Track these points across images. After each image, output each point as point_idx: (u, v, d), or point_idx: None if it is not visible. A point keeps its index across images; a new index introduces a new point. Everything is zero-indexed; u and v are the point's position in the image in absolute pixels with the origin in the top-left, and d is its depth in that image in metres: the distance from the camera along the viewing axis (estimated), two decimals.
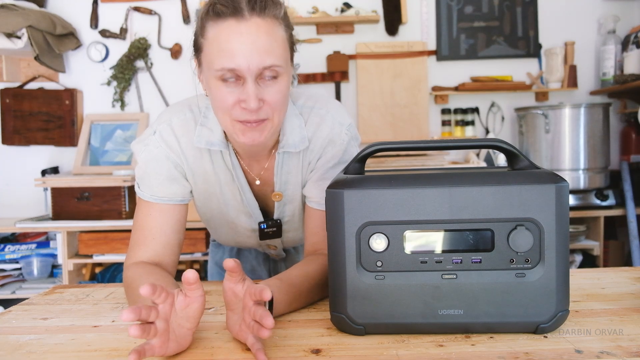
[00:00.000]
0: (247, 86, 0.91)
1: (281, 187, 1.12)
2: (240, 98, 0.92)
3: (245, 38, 0.89)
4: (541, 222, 0.76)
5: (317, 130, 1.07)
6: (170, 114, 1.08)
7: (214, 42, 0.92)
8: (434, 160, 2.70)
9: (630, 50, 2.80)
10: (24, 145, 3.03)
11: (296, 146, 1.06)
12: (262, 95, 0.92)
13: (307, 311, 0.94)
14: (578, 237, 2.75)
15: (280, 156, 1.08)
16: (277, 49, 0.92)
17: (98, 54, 2.99)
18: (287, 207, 1.16)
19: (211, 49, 0.92)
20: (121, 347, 0.80)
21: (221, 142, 1.05)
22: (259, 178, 1.13)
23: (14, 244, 2.89)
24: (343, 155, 1.08)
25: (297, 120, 1.07)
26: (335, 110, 1.09)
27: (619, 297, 0.96)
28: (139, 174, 1.08)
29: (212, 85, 0.94)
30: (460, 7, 3.05)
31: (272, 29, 0.92)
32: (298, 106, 1.09)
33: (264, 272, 1.39)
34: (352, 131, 1.10)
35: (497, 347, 0.75)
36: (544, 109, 2.73)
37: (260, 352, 0.71)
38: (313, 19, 2.92)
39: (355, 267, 0.79)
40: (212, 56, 0.92)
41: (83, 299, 1.06)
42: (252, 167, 1.12)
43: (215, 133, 1.05)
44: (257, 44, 0.90)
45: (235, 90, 0.92)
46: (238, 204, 1.15)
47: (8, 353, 0.78)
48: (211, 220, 1.22)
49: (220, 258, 1.43)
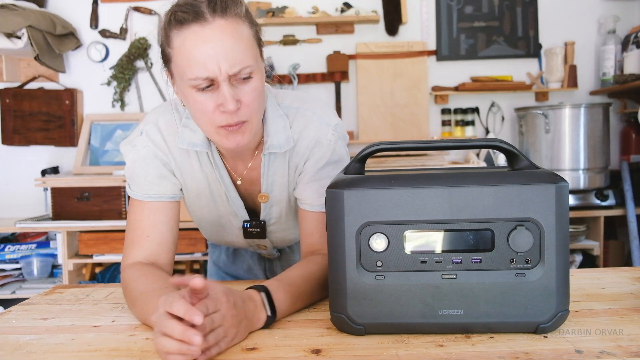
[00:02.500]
0: (222, 89, 0.90)
1: (267, 189, 1.12)
2: (218, 102, 0.91)
3: (213, 43, 0.88)
4: (541, 222, 0.76)
5: (303, 131, 1.07)
6: (157, 115, 1.08)
7: (181, 51, 0.90)
8: (434, 160, 2.70)
9: (630, 50, 2.80)
10: (24, 145, 3.03)
11: (281, 147, 1.05)
12: (238, 96, 0.92)
13: (307, 311, 0.94)
14: (578, 237, 2.75)
15: (266, 157, 1.07)
16: (245, 49, 0.91)
17: (98, 54, 2.99)
18: (273, 208, 1.16)
19: (181, 58, 0.91)
20: (121, 347, 0.80)
21: (204, 143, 1.05)
22: (243, 178, 1.12)
23: (14, 244, 2.89)
24: (331, 156, 1.07)
25: (282, 121, 1.06)
26: (321, 111, 1.08)
27: (619, 297, 0.96)
28: (128, 174, 1.08)
29: (187, 94, 0.94)
30: (460, 7, 3.05)
31: (236, 29, 0.91)
32: (283, 107, 1.08)
33: (259, 272, 1.39)
34: (339, 131, 1.09)
35: (497, 347, 0.75)
36: (544, 109, 2.73)
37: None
38: (313, 19, 2.92)
39: (355, 267, 0.79)
40: (182, 67, 0.91)
41: (83, 299, 1.06)
42: (237, 167, 1.12)
43: (197, 134, 1.04)
44: (226, 47, 0.89)
45: (212, 96, 0.92)
46: (225, 204, 1.15)
47: (8, 353, 0.78)
48: (201, 219, 1.22)
49: (217, 258, 1.43)
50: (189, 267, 2.77)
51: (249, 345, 0.79)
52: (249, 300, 0.83)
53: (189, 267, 2.77)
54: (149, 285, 0.92)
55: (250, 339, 0.81)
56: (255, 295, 0.85)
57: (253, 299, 0.84)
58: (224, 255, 1.41)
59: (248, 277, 1.39)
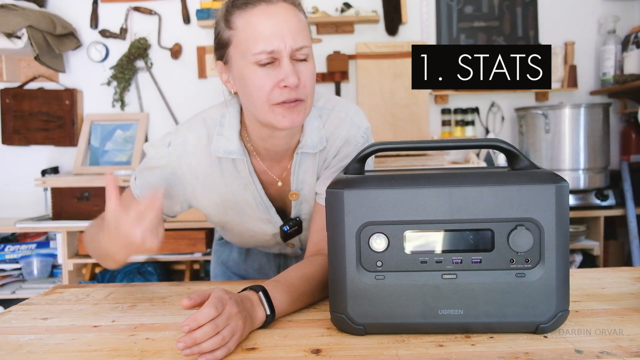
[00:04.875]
0: (283, 65, 0.94)
1: (298, 187, 1.13)
2: (279, 78, 0.94)
3: (278, 20, 0.93)
4: (541, 222, 0.76)
5: (335, 131, 1.10)
6: (187, 130, 1.10)
7: (246, 28, 0.95)
8: (434, 160, 2.70)
9: (630, 50, 2.80)
10: (24, 145, 3.03)
11: (314, 147, 1.08)
12: (298, 74, 0.95)
13: (307, 311, 0.94)
14: (578, 237, 2.75)
15: (298, 156, 1.09)
16: (304, 31, 0.97)
17: (98, 54, 2.99)
18: (303, 205, 1.17)
19: (244, 35, 0.95)
20: (121, 347, 0.80)
21: (238, 150, 1.06)
22: (281, 180, 1.14)
23: (14, 244, 2.89)
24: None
25: (317, 122, 1.09)
26: (354, 114, 1.12)
27: (619, 297, 0.96)
28: (141, 170, 1.11)
29: (247, 74, 0.96)
30: (460, 7, 3.05)
31: (297, 13, 0.97)
32: (317, 108, 1.11)
33: (272, 270, 1.39)
34: (368, 135, 1.13)
35: (497, 347, 0.75)
36: (544, 109, 2.73)
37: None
38: (313, 19, 2.92)
39: (355, 267, 0.79)
40: (246, 43, 0.95)
41: (83, 299, 1.06)
42: (274, 169, 1.13)
43: (232, 141, 1.06)
44: (290, 24, 0.94)
45: (272, 73, 0.95)
46: (254, 212, 1.15)
47: (8, 353, 0.78)
48: (231, 232, 1.24)
49: (227, 257, 1.42)
50: (189, 267, 2.77)
51: (249, 345, 0.79)
52: (247, 299, 0.83)
53: (189, 267, 2.77)
54: (99, 221, 0.99)
55: (250, 339, 0.81)
56: (252, 295, 0.85)
57: (250, 298, 0.84)
58: (236, 254, 1.41)
59: (258, 276, 1.39)
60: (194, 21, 3.00)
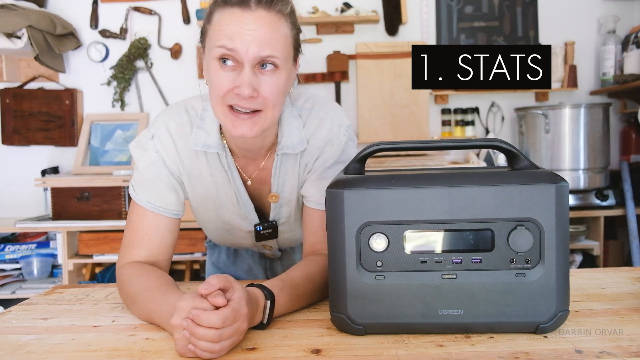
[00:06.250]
0: (243, 72, 0.92)
1: (278, 189, 1.12)
2: (236, 84, 0.93)
3: (247, 25, 0.91)
4: (541, 222, 0.76)
5: (316, 131, 1.08)
6: (167, 117, 1.08)
7: (217, 24, 0.94)
8: (434, 160, 2.70)
9: (630, 50, 2.80)
10: (24, 145, 3.03)
11: (295, 148, 1.06)
12: (258, 85, 0.93)
13: (307, 311, 0.94)
14: (578, 237, 2.75)
15: (278, 158, 1.08)
16: (277, 42, 0.93)
17: (98, 54, 2.99)
18: (283, 208, 1.16)
19: (214, 31, 0.94)
20: (121, 347, 0.80)
21: (217, 144, 1.05)
22: (253, 179, 1.13)
23: (14, 244, 2.89)
24: (341, 155, 1.08)
25: (296, 122, 1.07)
26: (334, 112, 1.10)
27: (619, 297, 0.96)
28: (137, 178, 1.07)
29: (211, 68, 0.95)
30: (460, 7, 3.05)
31: (275, 23, 0.93)
32: (297, 107, 1.09)
33: (260, 272, 1.39)
34: (350, 132, 1.11)
35: (497, 347, 0.75)
36: (544, 109, 2.73)
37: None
38: (313, 19, 2.92)
39: (355, 267, 0.79)
40: (213, 37, 0.94)
41: (83, 299, 1.06)
42: (247, 168, 1.12)
43: (211, 135, 1.05)
44: (258, 33, 0.91)
45: (232, 75, 0.93)
46: (234, 207, 1.14)
47: (8, 353, 0.78)
48: (207, 222, 1.22)
49: (216, 259, 1.43)
50: (189, 267, 2.77)
51: (249, 345, 0.79)
52: (255, 302, 0.83)
53: (189, 267, 2.77)
54: (152, 282, 0.92)
55: (250, 339, 0.81)
56: (260, 300, 0.85)
57: (258, 302, 0.84)
58: (224, 256, 1.41)
59: (248, 277, 1.40)
60: (194, 21, 3.00)
